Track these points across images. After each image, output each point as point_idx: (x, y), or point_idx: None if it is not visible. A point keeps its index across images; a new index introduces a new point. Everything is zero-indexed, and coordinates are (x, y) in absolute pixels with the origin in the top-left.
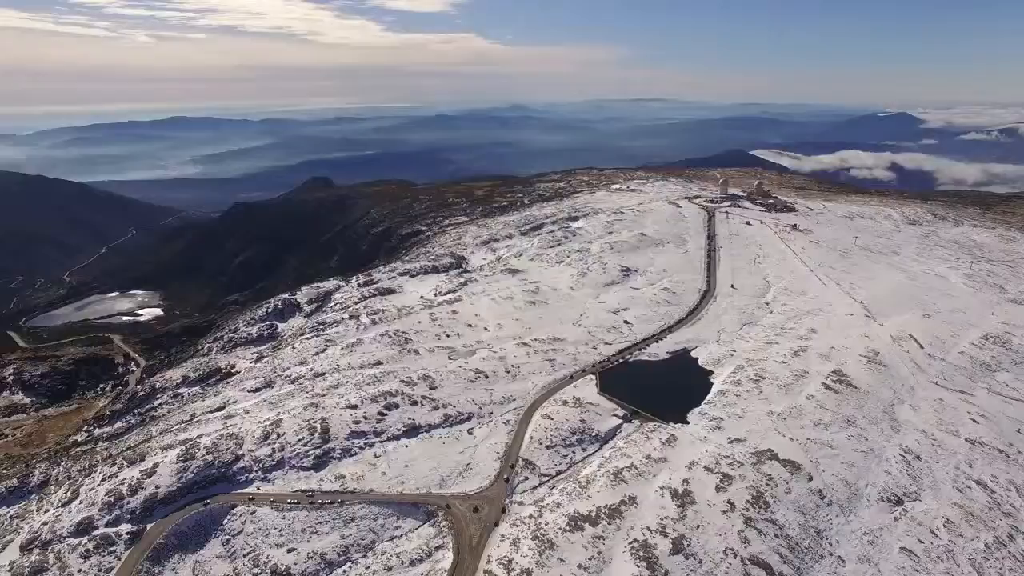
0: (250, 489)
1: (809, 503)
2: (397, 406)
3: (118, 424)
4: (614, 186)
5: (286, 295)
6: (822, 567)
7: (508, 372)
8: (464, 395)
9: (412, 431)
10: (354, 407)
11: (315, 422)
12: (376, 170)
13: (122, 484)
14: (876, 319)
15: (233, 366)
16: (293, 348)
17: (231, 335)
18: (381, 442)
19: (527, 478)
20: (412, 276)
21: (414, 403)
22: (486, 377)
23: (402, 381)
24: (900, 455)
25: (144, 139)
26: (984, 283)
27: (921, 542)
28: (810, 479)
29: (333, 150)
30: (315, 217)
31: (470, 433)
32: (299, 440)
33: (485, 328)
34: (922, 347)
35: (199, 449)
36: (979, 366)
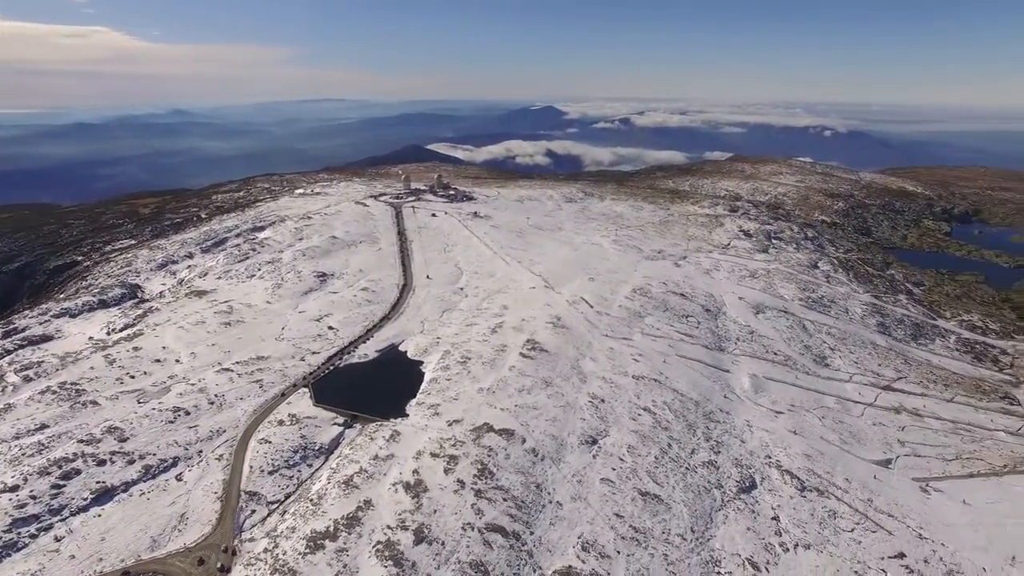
0: None
1: (526, 463)
2: (79, 472)
3: None
4: (298, 191)
5: None
6: (545, 515)
7: (212, 403)
8: (164, 439)
9: (104, 495)
10: (14, 489)
11: None
12: None
13: None
14: (554, 288)
15: None
16: None
17: None
18: (63, 519)
19: (254, 511)
20: (73, 316)
21: (101, 463)
22: (187, 414)
23: (81, 441)
24: (589, 402)
25: None
26: (627, 246)
27: (614, 470)
28: (524, 441)
29: None
30: None
31: (179, 479)
32: None
33: (177, 360)
34: (592, 306)
35: None
36: (633, 315)
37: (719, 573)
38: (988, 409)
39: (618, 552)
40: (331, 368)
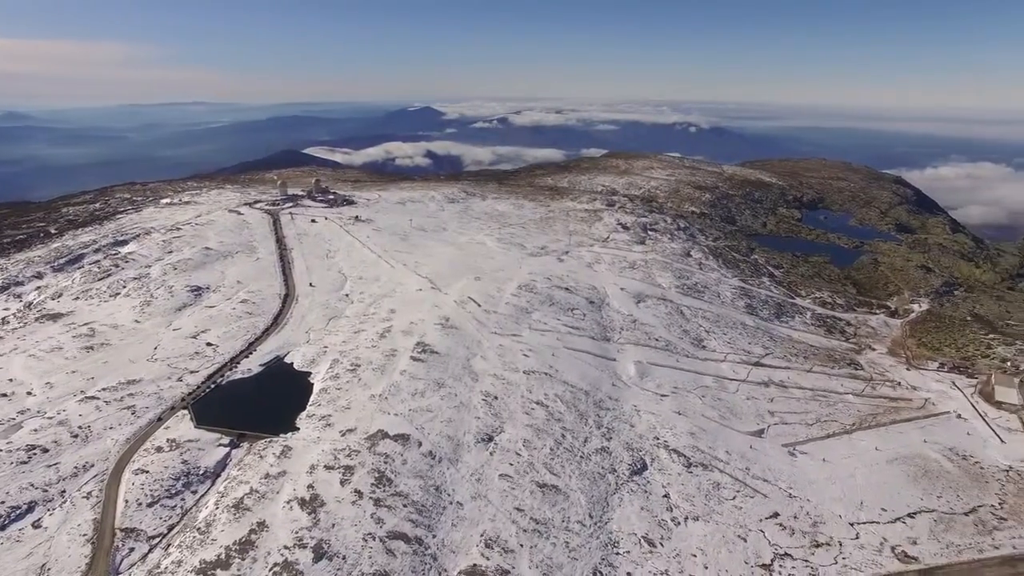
0: None
1: (424, 466)
2: None
3: None
4: (164, 200)
5: None
6: (447, 516)
7: (76, 436)
8: (16, 483)
9: None
10: None
11: None
12: None
13: None
14: (441, 290)
15: None
16: None
17: None
18: None
19: (132, 549)
20: None
21: None
22: (45, 451)
23: None
24: (483, 400)
25: None
26: (510, 244)
27: (511, 464)
28: (420, 445)
29: None
30: None
31: (37, 526)
32: None
33: (29, 393)
34: (479, 305)
35: None
36: (520, 311)
37: (618, 553)
38: (839, 376)
39: (521, 545)
40: (212, 386)
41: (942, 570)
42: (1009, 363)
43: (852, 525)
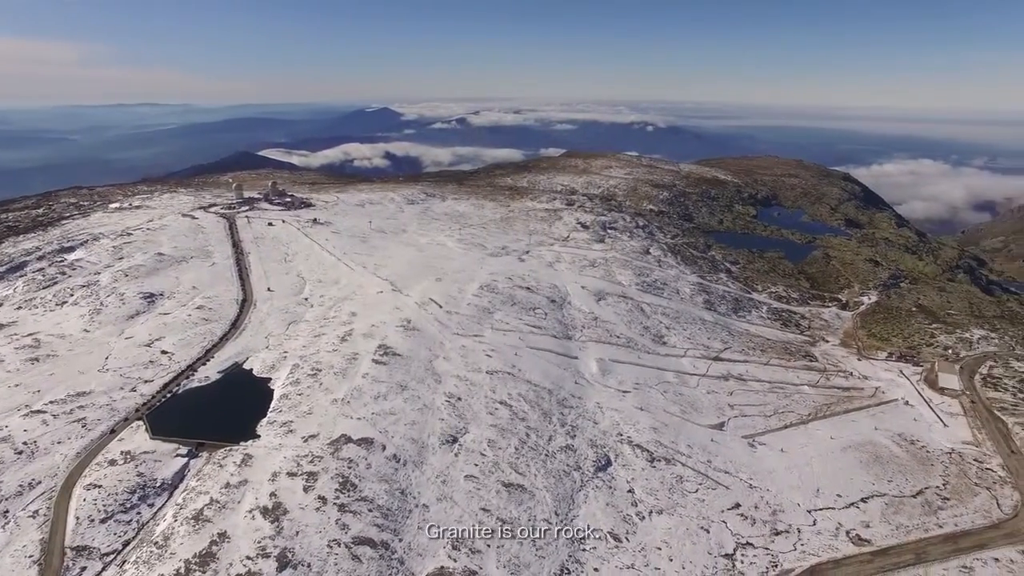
0: None
1: (389, 470)
2: None
3: None
4: (113, 205)
5: None
6: (413, 519)
7: (21, 453)
8: None
9: None
10: None
11: None
12: None
13: None
14: (402, 292)
15: None
16: None
17: None
18: None
19: (84, 568)
20: None
21: None
22: None
23: None
24: (446, 401)
25: None
26: (471, 244)
27: (476, 465)
28: (384, 448)
29: None
30: None
31: None
32: None
33: None
34: (441, 307)
35: None
36: (482, 311)
37: (585, 550)
38: (795, 368)
39: (488, 545)
40: (168, 396)
41: (892, 550)
42: (951, 351)
43: (809, 512)
